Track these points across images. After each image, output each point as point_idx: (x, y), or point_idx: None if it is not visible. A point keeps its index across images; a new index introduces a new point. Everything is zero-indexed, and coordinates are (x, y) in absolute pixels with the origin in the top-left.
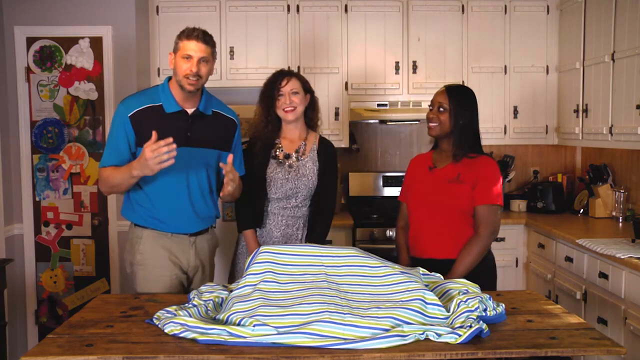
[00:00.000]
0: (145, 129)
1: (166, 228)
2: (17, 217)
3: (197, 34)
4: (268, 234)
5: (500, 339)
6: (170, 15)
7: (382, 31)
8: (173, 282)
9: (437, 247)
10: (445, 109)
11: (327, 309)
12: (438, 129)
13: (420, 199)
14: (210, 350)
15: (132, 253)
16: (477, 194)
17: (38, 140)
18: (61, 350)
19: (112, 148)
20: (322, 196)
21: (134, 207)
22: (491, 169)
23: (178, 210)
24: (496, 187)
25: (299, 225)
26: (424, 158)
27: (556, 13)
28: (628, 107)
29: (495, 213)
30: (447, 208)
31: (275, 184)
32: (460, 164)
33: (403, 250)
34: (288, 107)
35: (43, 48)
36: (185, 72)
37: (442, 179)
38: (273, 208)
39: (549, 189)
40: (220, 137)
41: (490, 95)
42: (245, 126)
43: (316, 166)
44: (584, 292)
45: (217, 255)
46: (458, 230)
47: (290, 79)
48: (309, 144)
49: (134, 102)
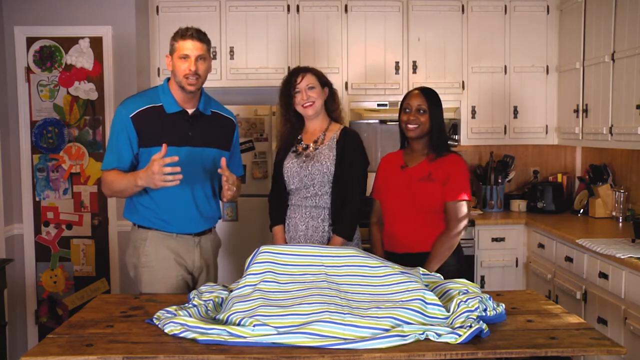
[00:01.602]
0: (147, 130)
1: (171, 228)
2: (17, 217)
3: (192, 33)
4: (294, 227)
5: (500, 339)
6: (170, 15)
7: (382, 31)
8: (179, 283)
9: (412, 241)
10: (425, 111)
11: (327, 309)
12: (418, 130)
13: (394, 197)
14: (210, 350)
15: (137, 255)
16: (447, 190)
17: (38, 140)
18: (61, 350)
19: (114, 150)
20: (343, 187)
21: (137, 208)
22: (460, 166)
23: (182, 210)
24: (465, 183)
25: (324, 216)
26: (395, 157)
27: (556, 13)
28: (628, 107)
29: (463, 208)
30: (419, 205)
31: (291, 174)
32: (432, 162)
33: (378, 246)
34: (306, 103)
35: (43, 48)
36: (185, 72)
37: (413, 177)
38: (295, 200)
39: (549, 189)
40: (220, 136)
41: (490, 95)
42: (245, 126)
43: (333, 153)
44: (584, 292)
45: (218, 256)
46: (430, 225)
47: (305, 74)
48: (329, 134)
49: (134, 103)
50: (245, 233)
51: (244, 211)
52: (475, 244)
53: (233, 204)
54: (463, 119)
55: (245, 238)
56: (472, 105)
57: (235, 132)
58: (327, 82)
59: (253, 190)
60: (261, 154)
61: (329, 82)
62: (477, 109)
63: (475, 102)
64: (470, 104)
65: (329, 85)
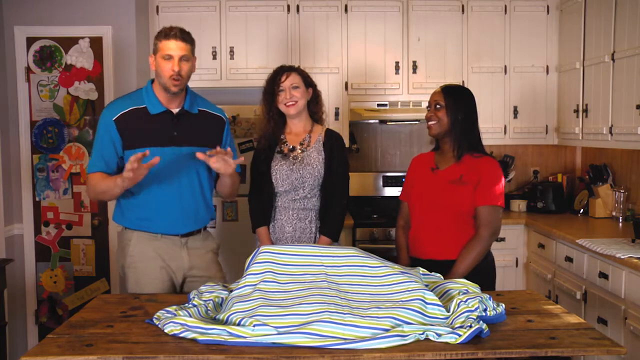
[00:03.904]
0: (130, 132)
1: (155, 229)
2: (17, 217)
3: (175, 33)
4: (280, 229)
5: (500, 339)
6: (170, 15)
7: (382, 31)
8: (165, 285)
9: (437, 248)
10: (442, 106)
11: (327, 309)
12: (437, 127)
13: (422, 200)
14: (210, 350)
15: (123, 256)
16: (479, 194)
17: (38, 140)
18: (61, 350)
19: (98, 153)
20: (331, 188)
21: (123, 211)
22: (494, 169)
23: (167, 210)
24: (498, 187)
25: (311, 218)
26: (426, 158)
27: (556, 13)
28: (628, 107)
29: (496, 214)
30: (448, 209)
31: (281, 176)
32: (463, 164)
33: (403, 250)
34: (289, 102)
35: (43, 48)
36: (169, 74)
37: (444, 180)
38: (282, 202)
39: (549, 189)
40: (208, 135)
41: (490, 95)
42: (245, 126)
43: (322, 156)
44: (584, 292)
45: (220, 256)
46: (458, 231)
47: (290, 74)
48: (314, 136)
49: (117, 106)
50: (245, 233)
51: (244, 211)
52: None
53: (233, 204)
54: None
55: (245, 238)
56: None
57: (225, 128)
58: (311, 83)
59: None
60: None
61: (313, 83)
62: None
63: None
64: None
65: (314, 87)
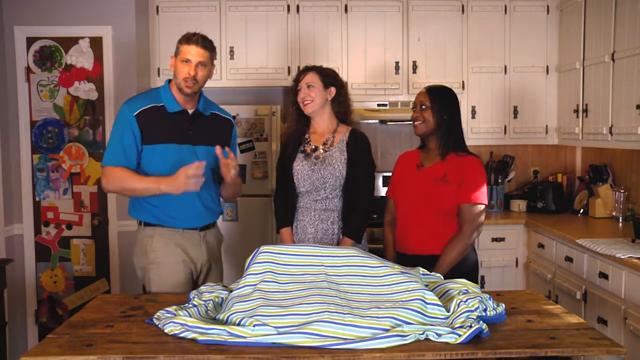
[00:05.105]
0: (149, 128)
1: (177, 224)
2: (17, 217)
3: (197, 39)
4: (302, 230)
5: (500, 339)
6: (170, 15)
7: (382, 31)
8: (187, 278)
9: (423, 243)
10: (427, 107)
11: (327, 309)
12: (423, 127)
13: (408, 197)
14: (210, 350)
15: (144, 252)
16: (462, 192)
17: (38, 140)
18: (61, 350)
19: (118, 147)
20: (353, 188)
21: (143, 206)
22: (477, 168)
23: (188, 204)
24: (481, 186)
25: (334, 219)
26: (412, 156)
27: (556, 13)
28: (628, 107)
29: (478, 212)
30: (433, 206)
31: (302, 176)
32: (447, 163)
33: (389, 246)
34: (305, 101)
35: (43, 48)
36: (184, 76)
37: (429, 177)
38: (304, 203)
39: (549, 189)
40: (219, 135)
41: (490, 95)
42: (245, 126)
43: (344, 156)
44: (584, 292)
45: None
46: (443, 227)
47: (307, 73)
48: (337, 136)
49: (137, 102)
50: (245, 233)
51: (244, 211)
52: (475, 244)
53: (233, 204)
54: (463, 119)
55: (245, 238)
56: (472, 105)
57: (233, 131)
58: (332, 82)
59: (253, 190)
60: (261, 154)
61: (337, 82)
62: (477, 109)
63: (475, 102)
64: (470, 104)
65: (338, 86)
